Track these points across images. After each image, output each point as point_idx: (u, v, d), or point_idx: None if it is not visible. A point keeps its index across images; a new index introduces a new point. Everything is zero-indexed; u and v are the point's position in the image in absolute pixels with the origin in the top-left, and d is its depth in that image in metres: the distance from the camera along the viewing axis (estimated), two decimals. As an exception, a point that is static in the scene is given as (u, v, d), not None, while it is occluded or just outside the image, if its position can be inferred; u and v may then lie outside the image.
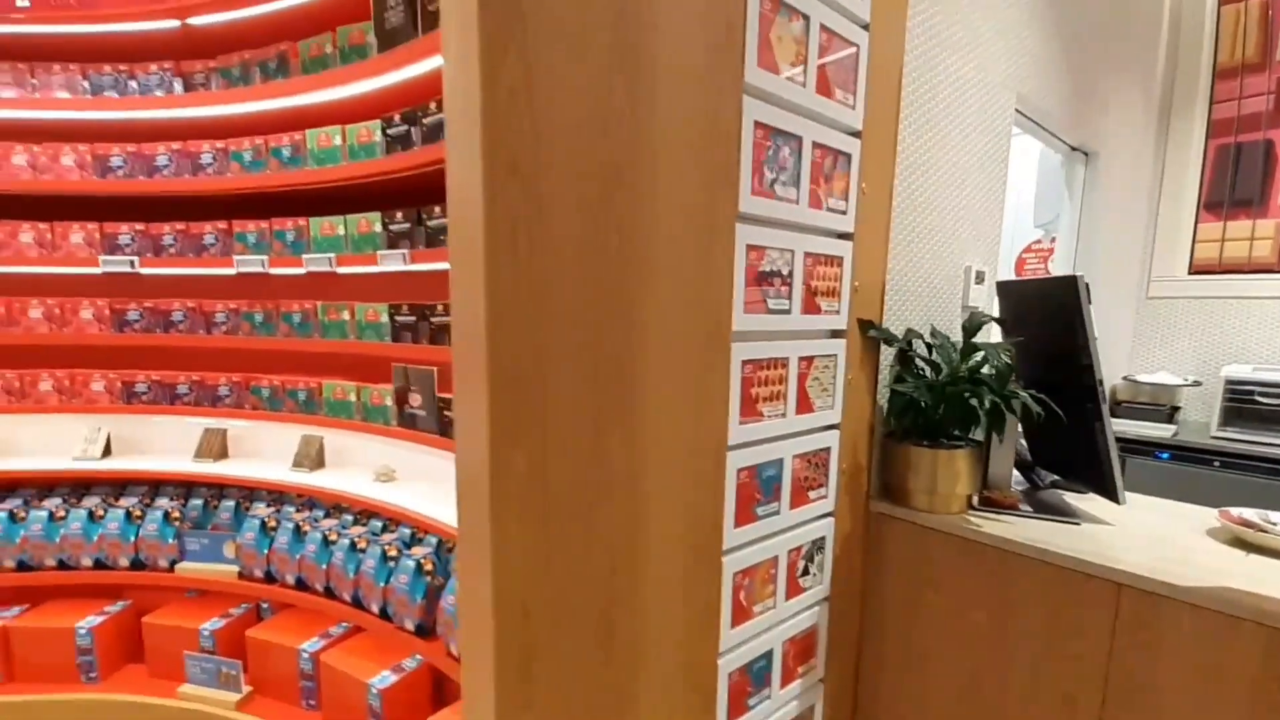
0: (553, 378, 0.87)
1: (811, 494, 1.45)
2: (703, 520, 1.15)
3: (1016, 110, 2.12)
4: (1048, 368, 1.63)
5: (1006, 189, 2.12)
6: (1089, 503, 1.63)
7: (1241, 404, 2.93)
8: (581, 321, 0.89)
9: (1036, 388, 1.55)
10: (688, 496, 1.11)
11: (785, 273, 1.26)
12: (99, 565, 2.31)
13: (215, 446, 2.36)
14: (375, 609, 1.97)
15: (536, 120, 0.81)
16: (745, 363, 1.22)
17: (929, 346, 1.61)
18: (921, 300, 1.77)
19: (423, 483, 2.12)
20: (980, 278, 2.02)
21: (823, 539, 1.51)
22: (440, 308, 1.76)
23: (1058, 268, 3.19)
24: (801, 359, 1.34)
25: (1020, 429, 1.76)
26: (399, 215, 1.82)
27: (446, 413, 1.79)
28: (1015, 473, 1.75)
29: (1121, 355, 3.53)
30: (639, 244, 0.95)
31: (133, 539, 2.30)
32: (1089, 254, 3.00)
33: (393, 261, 1.79)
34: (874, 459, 1.62)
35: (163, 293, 2.28)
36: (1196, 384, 3.28)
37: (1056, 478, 1.81)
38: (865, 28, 1.32)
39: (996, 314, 1.86)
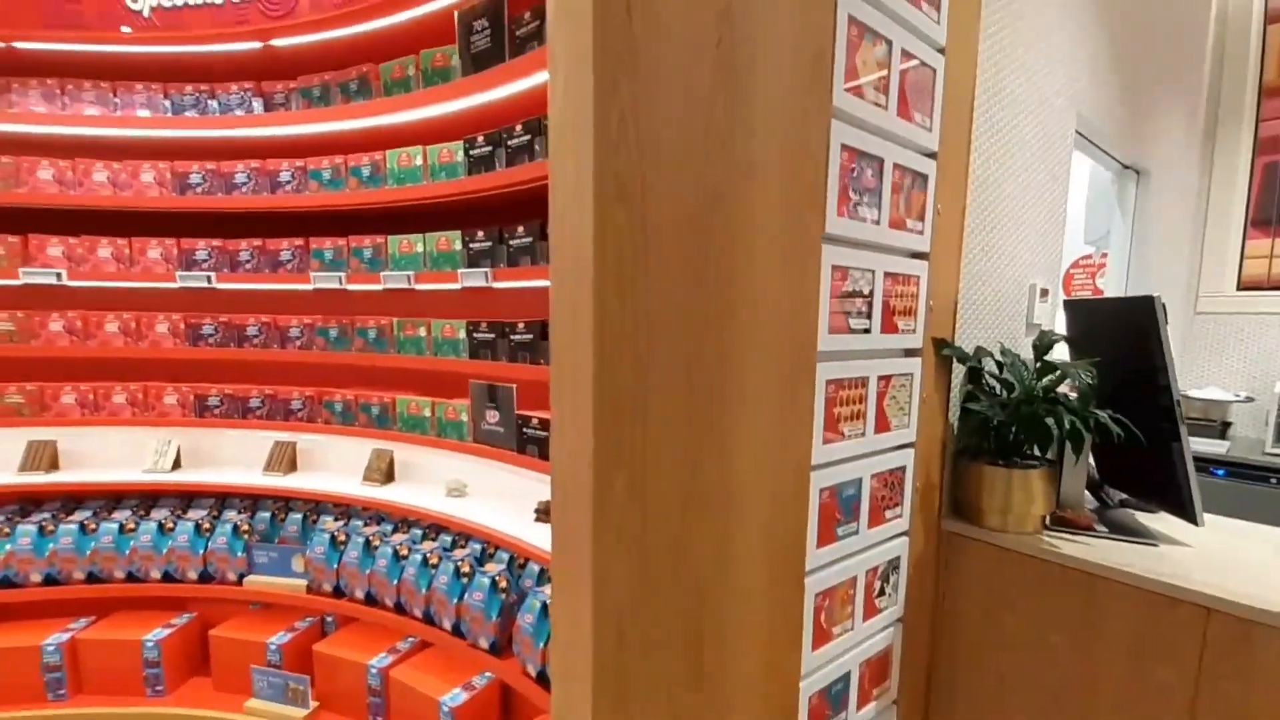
0: (653, 398, 0.86)
1: (888, 513, 1.45)
2: (787, 541, 1.15)
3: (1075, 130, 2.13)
4: (1120, 386, 1.61)
5: (1067, 207, 2.13)
6: (1160, 522, 1.59)
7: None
8: (680, 343, 0.88)
9: (1108, 406, 1.53)
10: (773, 517, 1.11)
11: (866, 292, 1.27)
12: (167, 578, 2.33)
13: (285, 459, 2.39)
14: (447, 625, 1.98)
15: (643, 146, 0.81)
16: (829, 382, 1.23)
17: (999, 365, 1.60)
18: (988, 318, 1.78)
19: (494, 499, 2.13)
20: (1044, 295, 2.02)
21: (898, 559, 1.51)
22: (521, 325, 1.77)
23: (1108, 284, 3.18)
24: (880, 378, 1.35)
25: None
26: (479, 234, 1.85)
27: (526, 430, 1.81)
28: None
29: (1170, 370, 3.50)
30: (735, 266, 0.95)
31: (201, 551, 2.32)
32: (1141, 270, 2.99)
33: (474, 279, 1.82)
34: (945, 478, 1.62)
35: (238, 308, 2.32)
36: (1249, 399, 3.25)
37: (1125, 496, 1.79)
38: (941, 51, 1.34)
39: (1062, 331, 1.85)
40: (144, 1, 2.12)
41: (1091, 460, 1.87)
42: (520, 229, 1.74)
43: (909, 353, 1.44)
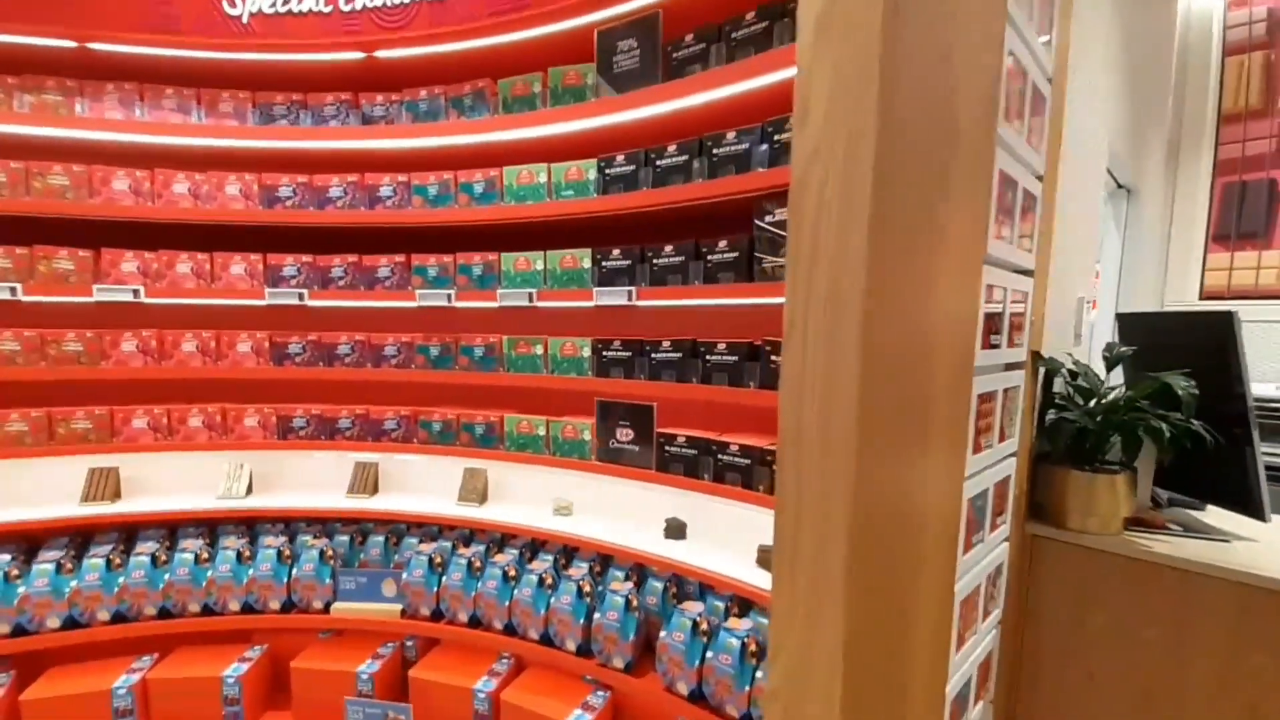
0: (885, 417, 0.86)
1: (999, 519, 1.53)
2: (948, 553, 1.21)
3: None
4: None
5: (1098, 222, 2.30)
6: (1212, 519, 1.70)
7: (1264, 420, 3.17)
8: (910, 362, 0.90)
9: (1177, 412, 1.63)
10: (940, 531, 1.15)
11: (1000, 309, 1.36)
12: (247, 609, 2.21)
13: (369, 481, 2.30)
14: (571, 646, 1.96)
15: (893, 171, 0.81)
16: (978, 396, 1.31)
17: (1072, 374, 1.72)
18: (1050, 330, 1.91)
19: (621, 517, 2.09)
20: (1088, 306, 2.18)
21: (1002, 563, 1.59)
22: (666, 344, 1.79)
23: (1102, 295, 3.42)
24: (1005, 390, 1.44)
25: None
26: (615, 252, 1.85)
27: (670, 448, 1.82)
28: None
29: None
30: (935, 286, 0.98)
31: (285, 580, 2.21)
32: (1130, 282, 3.25)
33: (613, 298, 1.82)
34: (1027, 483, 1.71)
35: (328, 325, 2.23)
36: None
37: (1173, 495, 1.91)
38: (1049, 80, 1.44)
39: (1107, 343, 1.98)
40: (243, 7, 2.03)
41: (1140, 463, 2.00)
42: (668, 248, 1.76)
43: (1010, 366, 1.53)
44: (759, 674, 1.61)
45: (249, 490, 2.30)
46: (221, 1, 2.03)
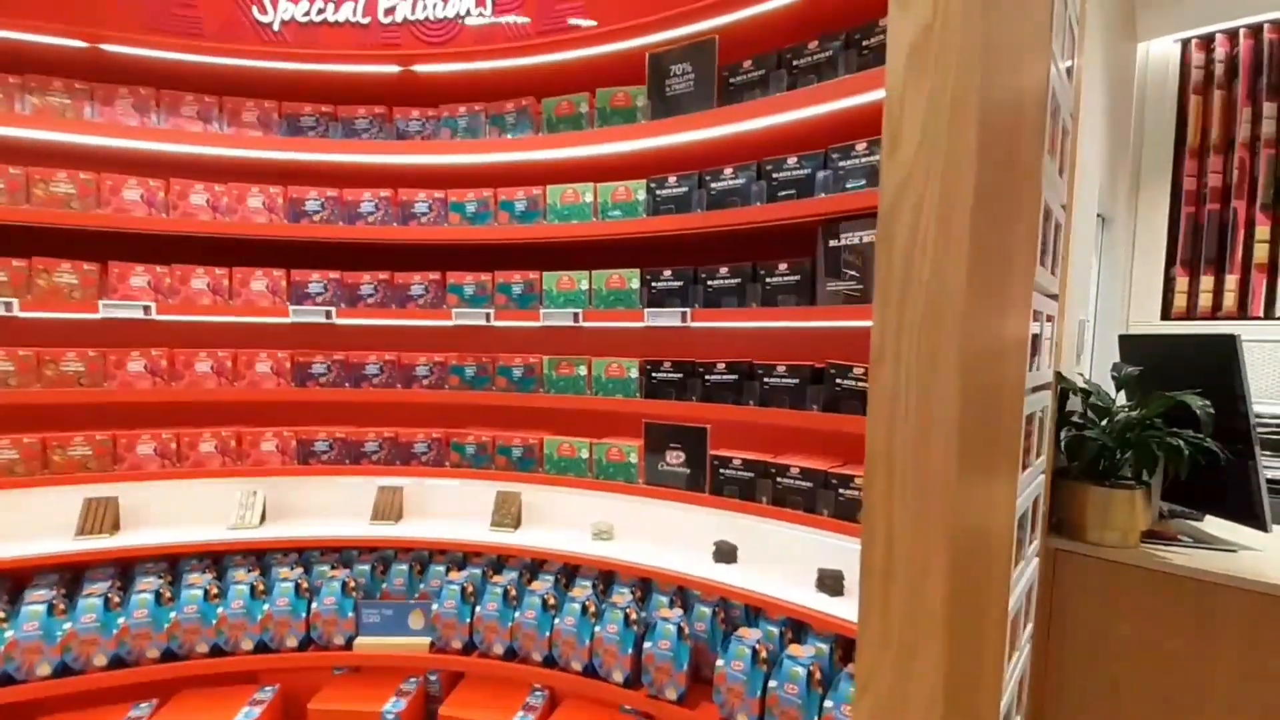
0: (970, 445, 0.86)
1: (1033, 536, 1.59)
2: (1003, 571, 1.24)
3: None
4: (1189, 410, 1.83)
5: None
6: (1215, 529, 1.77)
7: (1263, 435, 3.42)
8: (982, 390, 0.91)
9: (1177, 428, 1.73)
10: (996, 549, 1.20)
11: (1037, 332, 1.43)
12: (260, 648, 2.06)
13: (394, 507, 2.20)
14: (618, 677, 1.90)
15: (983, 207, 0.83)
16: (1026, 417, 1.37)
17: (1085, 394, 1.80)
18: (1064, 352, 2.00)
19: (640, 539, 2.07)
20: (1084, 328, 2.30)
21: (1034, 579, 1.64)
22: (722, 366, 1.78)
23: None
24: (1040, 410, 1.50)
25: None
26: (666, 273, 1.84)
27: (725, 470, 1.80)
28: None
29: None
30: (1007, 310, 1.02)
31: (304, 615, 2.08)
32: (1107, 304, 3.45)
33: (666, 318, 1.81)
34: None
35: (354, 345, 2.13)
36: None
37: (1173, 506, 2.01)
38: (1073, 117, 1.53)
39: (1108, 363, 2.09)
40: (275, 14, 1.94)
41: (1147, 477, 2.11)
42: (723, 269, 1.76)
43: (1038, 388, 1.59)
44: (828, 703, 1.60)
45: (262, 519, 2.17)
46: (252, 7, 1.94)
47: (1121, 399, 1.86)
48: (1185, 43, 3.98)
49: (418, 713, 2.13)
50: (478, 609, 2.06)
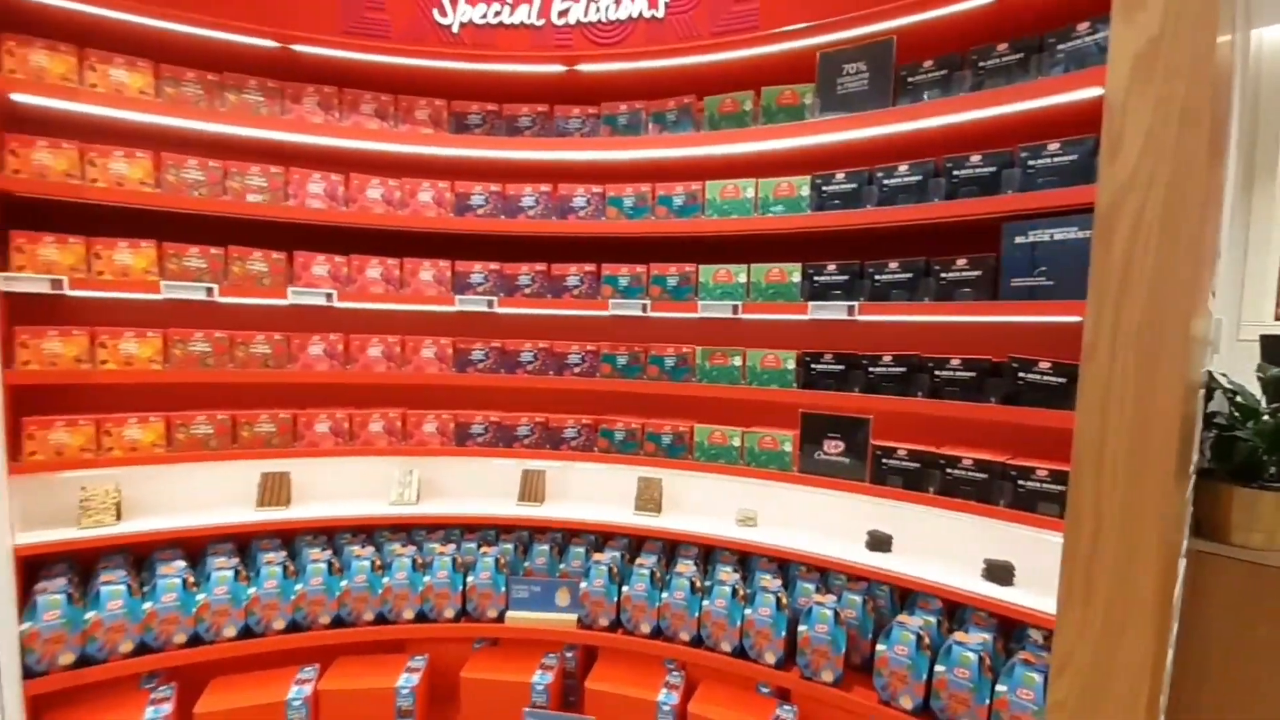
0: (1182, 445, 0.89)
1: (1185, 536, 1.59)
2: (1173, 567, 1.26)
3: None
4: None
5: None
6: None
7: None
8: (1189, 389, 0.94)
9: None
10: (1173, 546, 1.23)
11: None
12: (420, 618, 2.18)
13: (539, 489, 2.30)
14: (770, 659, 1.96)
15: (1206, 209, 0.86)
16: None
17: (1230, 393, 1.80)
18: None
19: (787, 526, 2.13)
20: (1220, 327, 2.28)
21: (1179, 579, 1.64)
22: (888, 359, 1.82)
23: None
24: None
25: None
26: (830, 267, 1.89)
27: (888, 461, 1.85)
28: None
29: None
30: (1202, 309, 1.03)
31: (461, 588, 2.19)
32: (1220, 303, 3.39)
33: (832, 312, 1.86)
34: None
35: (511, 333, 2.23)
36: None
37: None
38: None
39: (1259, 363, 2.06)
40: (454, 16, 2.04)
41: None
42: (893, 264, 1.80)
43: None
44: (1000, 687, 1.64)
45: (418, 497, 2.28)
46: (433, 10, 2.05)
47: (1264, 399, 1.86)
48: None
49: (560, 685, 2.22)
50: (625, 589, 2.14)
